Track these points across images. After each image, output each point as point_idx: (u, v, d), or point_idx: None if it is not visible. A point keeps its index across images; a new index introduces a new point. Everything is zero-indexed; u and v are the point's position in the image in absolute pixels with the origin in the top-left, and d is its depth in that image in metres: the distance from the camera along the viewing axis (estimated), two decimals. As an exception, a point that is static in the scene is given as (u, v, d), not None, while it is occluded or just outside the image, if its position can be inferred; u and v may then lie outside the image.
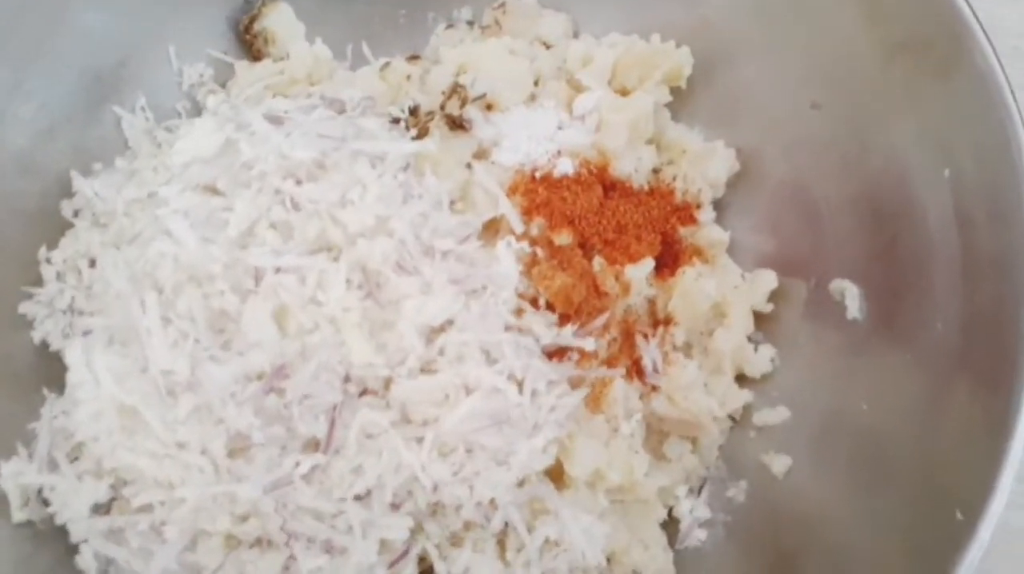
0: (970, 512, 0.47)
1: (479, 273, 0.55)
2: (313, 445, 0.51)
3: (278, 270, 0.51)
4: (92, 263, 0.59)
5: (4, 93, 0.59)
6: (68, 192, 0.62)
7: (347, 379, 0.51)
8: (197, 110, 0.68)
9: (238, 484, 0.48)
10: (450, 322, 0.53)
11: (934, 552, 0.49)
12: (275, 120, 0.55)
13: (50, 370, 0.59)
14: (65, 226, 0.62)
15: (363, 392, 0.52)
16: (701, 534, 0.61)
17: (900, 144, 0.59)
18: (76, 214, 0.62)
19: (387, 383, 0.52)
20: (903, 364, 0.57)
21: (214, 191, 0.55)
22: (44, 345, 0.59)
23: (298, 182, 0.53)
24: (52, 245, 0.61)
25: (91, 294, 0.57)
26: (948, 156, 0.56)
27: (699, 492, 0.63)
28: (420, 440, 0.50)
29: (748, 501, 0.62)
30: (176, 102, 0.68)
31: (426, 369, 0.52)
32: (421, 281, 0.52)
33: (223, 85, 0.69)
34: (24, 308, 0.59)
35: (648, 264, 0.60)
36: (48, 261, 0.60)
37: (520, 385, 0.52)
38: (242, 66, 0.67)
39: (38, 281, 0.60)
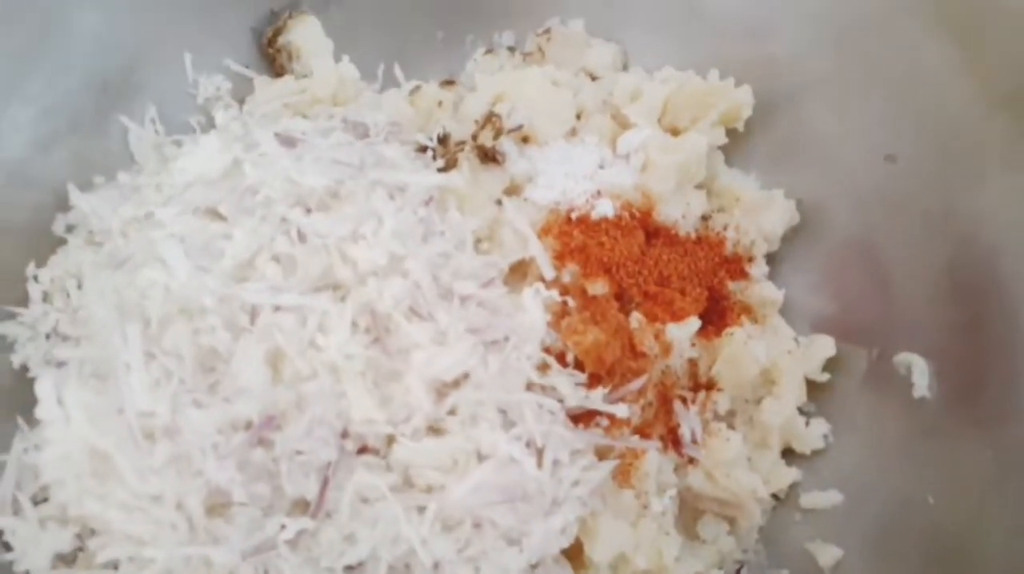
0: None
1: (502, 322, 0.49)
2: (302, 507, 0.45)
3: (277, 308, 0.45)
4: (81, 284, 0.54)
5: (2, 91, 0.54)
6: (64, 206, 0.58)
7: (344, 435, 0.45)
8: (212, 125, 0.63)
9: (214, 546, 0.43)
10: (465, 377, 0.47)
11: None
12: (288, 142, 0.51)
13: (27, 396, 0.53)
14: (58, 242, 0.58)
15: (361, 450, 0.46)
16: (735, 631, 0.54)
17: (992, 209, 0.53)
18: (70, 230, 0.58)
19: (389, 442, 0.46)
20: (980, 454, 0.50)
21: (216, 215, 0.50)
22: (24, 369, 0.54)
23: (307, 211, 0.48)
24: (42, 262, 0.56)
25: (76, 319, 0.52)
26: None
27: (736, 578, 0.56)
28: (422, 510, 0.44)
29: (791, 597, 0.55)
30: (189, 116, 0.63)
31: (434, 429, 0.46)
32: (435, 329, 0.47)
33: (241, 101, 0.64)
34: (5, 329, 0.54)
35: (693, 324, 0.54)
36: (35, 279, 0.56)
37: (540, 454, 0.46)
38: (262, 81, 0.63)
39: (24, 300, 0.56)
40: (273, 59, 0.64)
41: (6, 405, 0.54)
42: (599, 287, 0.54)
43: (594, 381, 0.51)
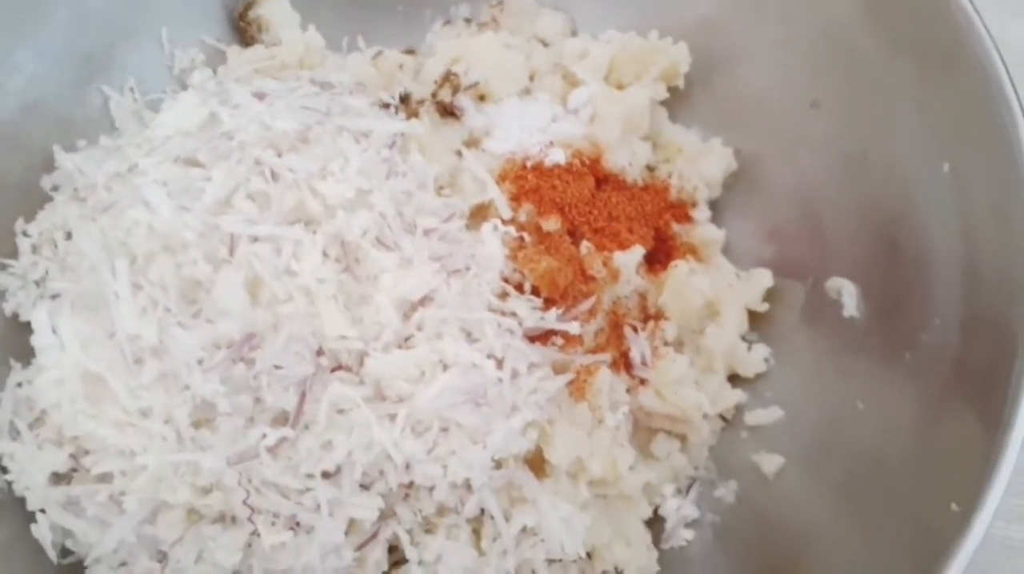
0: (966, 503, 0.45)
1: (463, 252, 0.53)
2: (281, 419, 0.49)
3: (254, 240, 0.50)
4: (68, 236, 0.58)
5: (-10, 57, 0.58)
6: (50, 167, 0.62)
7: (320, 353, 0.49)
8: (188, 93, 0.67)
9: (201, 453, 0.46)
10: (429, 299, 0.51)
11: (929, 551, 0.46)
12: (260, 96, 0.55)
13: (19, 342, 0.57)
14: (45, 200, 0.61)
15: (336, 368, 0.50)
16: (688, 534, 0.59)
17: (901, 143, 0.58)
18: (56, 189, 0.61)
19: (361, 359, 0.50)
20: (901, 363, 0.55)
21: (194, 164, 0.54)
22: (15, 317, 0.58)
23: (279, 154, 0.52)
24: (30, 218, 0.60)
25: (65, 266, 0.56)
26: (949, 152, 0.55)
27: (687, 492, 0.61)
28: (393, 417, 0.48)
29: (738, 502, 0.60)
30: (166, 86, 0.67)
31: (402, 346, 0.50)
32: (400, 256, 0.51)
33: (214, 71, 0.68)
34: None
35: (638, 252, 0.59)
36: (24, 234, 0.59)
37: (500, 364, 0.50)
38: (233, 51, 0.67)
39: (13, 253, 0.59)
40: (244, 31, 0.68)
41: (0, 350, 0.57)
42: (552, 223, 0.58)
43: (548, 305, 0.55)
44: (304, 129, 0.53)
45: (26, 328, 0.58)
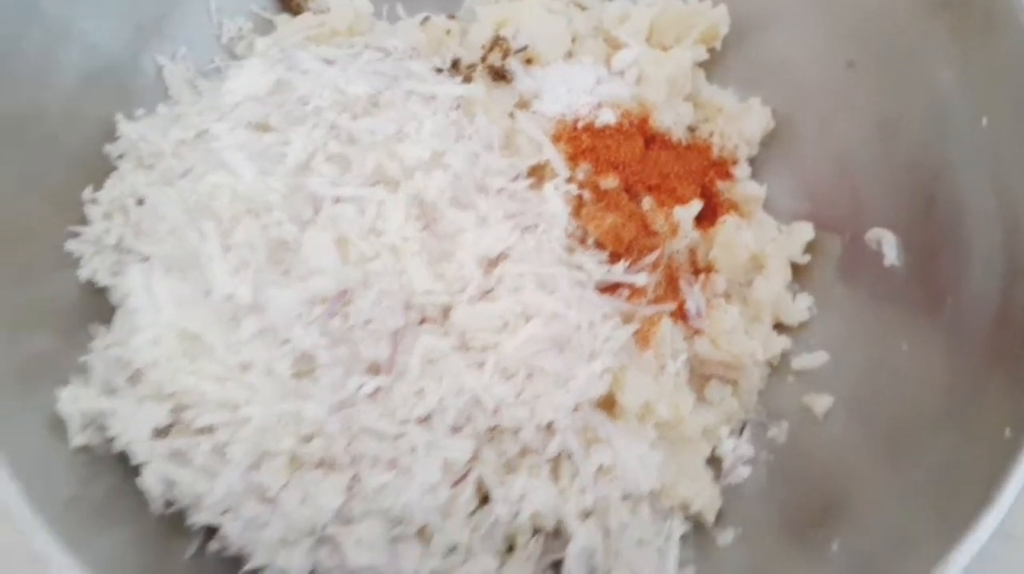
0: (1019, 425, 0.48)
1: (531, 210, 0.56)
2: (375, 369, 0.51)
3: (337, 200, 0.52)
4: (139, 202, 0.59)
5: (55, 35, 0.59)
6: (110, 136, 0.63)
7: (407, 307, 0.51)
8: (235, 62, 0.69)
9: (304, 403, 0.49)
10: (504, 256, 0.54)
11: (981, 476, 0.50)
12: (328, 61, 0.56)
13: (97, 307, 0.59)
14: (108, 169, 0.62)
15: (422, 321, 0.52)
16: (744, 471, 0.62)
17: (938, 101, 0.61)
18: (120, 157, 0.62)
19: (446, 312, 0.52)
20: (943, 308, 0.58)
21: (266, 129, 0.55)
22: (90, 283, 0.59)
23: (354, 117, 0.54)
24: (97, 187, 0.61)
25: (140, 231, 0.57)
26: (987, 107, 0.58)
27: (740, 433, 0.64)
28: (481, 365, 0.51)
29: (789, 441, 0.63)
30: (215, 55, 0.69)
31: (484, 299, 0.53)
32: (477, 215, 0.53)
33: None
34: (71, 246, 0.59)
35: (696, 206, 0.62)
36: (94, 201, 0.60)
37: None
38: (283, 19, 0.68)
39: (82, 222, 0.60)
40: (290, 1, 0.70)
41: (77, 316, 0.59)
42: (611, 182, 0.61)
43: (614, 259, 0.58)
44: (376, 93, 0.55)
45: (101, 294, 0.60)
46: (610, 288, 0.58)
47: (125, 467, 0.55)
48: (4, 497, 0.47)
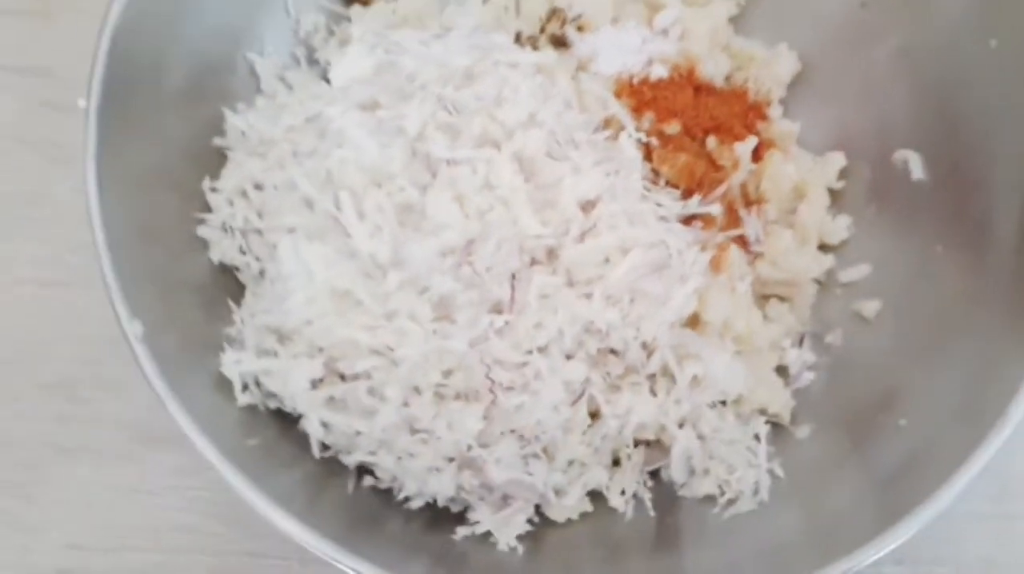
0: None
1: (614, 156, 0.63)
2: (498, 308, 0.58)
3: (452, 163, 0.59)
4: (257, 186, 0.66)
5: (165, 39, 0.65)
6: (218, 131, 0.69)
7: (521, 251, 0.59)
8: (311, 56, 0.75)
9: (445, 341, 0.56)
10: (597, 199, 0.61)
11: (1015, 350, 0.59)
12: (423, 41, 0.63)
13: (230, 284, 0.66)
14: (219, 160, 0.69)
15: (532, 263, 0.60)
16: (809, 375, 0.71)
17: (947, 28, 0.69)
18: (228, 150, 0.69)
19: (553, 253, 0.60)
20: (971, 208, 0.67)
21: (375, 107, 0.62)
22: (222, 264, 0.66)
23: (456, 88, 0.61)
24: (213, 177, 0.68)
25: (265, 211, 0.64)
26: (993, 30, 0.66)
27: (800, 343, 0.72)
28: (589, 296, 0.59)
29: (845, 345, 0.71)
30: (295, 48, 0.75)
31: (587, 237, 0.60)
32: (571, 165, 0.61)
33: (332, 32, 0.76)
34: (201, 232, 0.66)
35: (752, 141, 0.70)
36: (214, 190, 0.67)
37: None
38: (356, 10, 0.75)
39: (205, 209, 0.67)
40: (357, -6, 0.76)
41: (216, 291, 0.66)
42: (673, 127, 0.69)
43: (687, 195, 0.66)
44: (472, 64, 0.62)
45: (230, 273, 0.67)
46: (685, 221, 0.66)
47: (282, 420, 0.62)
48: (200, 445, 0.54)
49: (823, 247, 0.75)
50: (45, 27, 0.86)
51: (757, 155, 0.74)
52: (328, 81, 0.68)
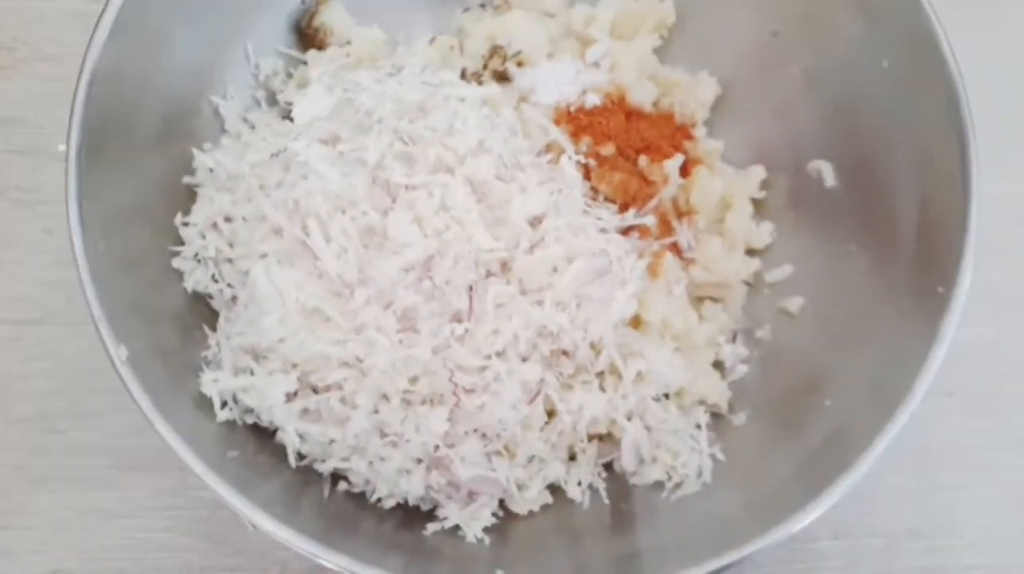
0: (948, 284, 0.65)
1: (556, 177, 0.70)
2: (459, 317, 0.64)
3: (410, 188, 0.64)
4: (227, 219, 0.71)
5: (137, 86, 0.69)
6: (187, 169, 0.74)
7: (477, 264, 0.65)
8: (271, 98, 0.81)
9: (410, 350, 0.62)
10: (543, 215, 0.68)
11: (927, 322, 0.66)
12: (377, 80, 0.69)
13: (204, 311, 0.71)
14: (189, 196, 0.73)
15: (488, 274, 0.66)
16: (743, 368, 0.78)
17: (848, 51, 0.77)
18: (198, 185, 0.74)
19: (506, 265, 0.66)
20: (878, 210, 0.75)
21: (336, 141, 0.68)
22: (195, 292, 0.71)
23: (411, 121, 0.67)
24: (185, 212, 0.72)
25: (236, 241, 0.69)
26: (885, 52, 0.75)
27: (734, 340, 0.79)
28: (541, 302, 0.65)
29: (773, 339, 0.79)
30: (255, 91, 0.80)
31: (535, 249, 0.66)
32: (518, 185, 0.67)
33: (290, 75, 0.81)
34: (176, 263, 0.70)
35: (679, 159, 0.77)
36: (186, 224, 0.71)
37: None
38: (313, 54, 0.80)
39: (179, 242, 0.71)
40: (313, 38, 0.82)
41: (187, 322, 0.70)
42: (608, 149, 0.76)
43: (623, 209, 0.73)
44: (424, 99, 0.68)
45: (203, 301, 0.72)
46: (623, 232, 0.73)
47: (259, 433, 0.67)
48: (187, 460, 0.59)
49: (750, 251, 0.82)
50: (9, 78, 0.90)
51: (685, 171, 0.81)
52: (288, 118, 0.73)
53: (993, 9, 0.97)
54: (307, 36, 0.82)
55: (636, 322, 0.71)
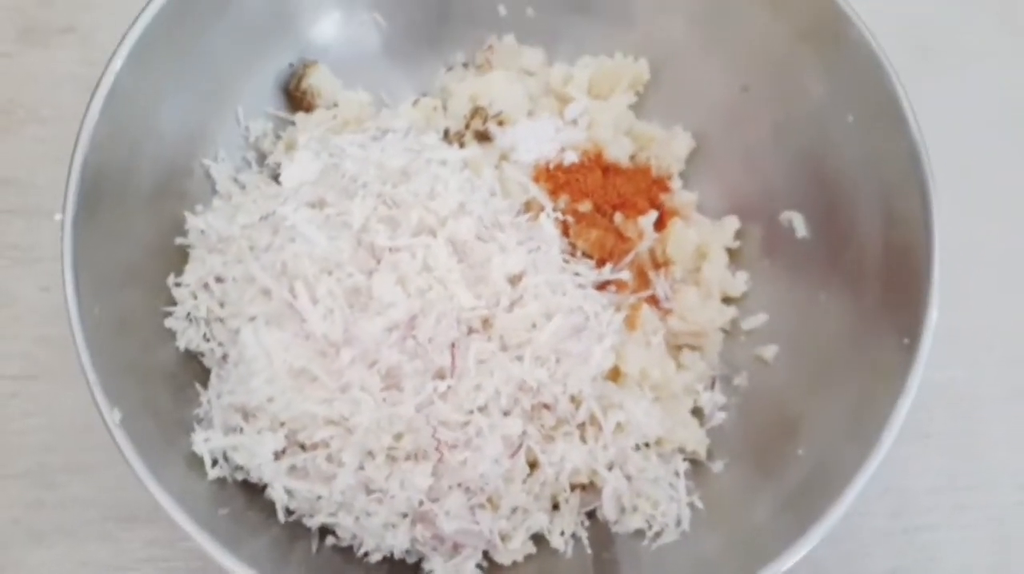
0: (913, 335, 0.67)
1: (535, 236, 0.72)
2: (442, 374, 0.66)
3: (393, 250, 0.67)
4: (218, 280, 0.73)
5: (130, 152, 0.72)
6: (179, 230, 0.76)
7: (459, 322, 0.67)
8: (262, 158, 0.84)
9: (394, 407, 0.64)
10: (523, 273, 0.70)
11: (891, 373, 0.69)
12: (362, 145, 0.72)
13: (196, 369, 0.73)
14: (182, 257, 0.76)
15: (470, 332, 0.68)
16: (721, 415, 0.80)
17: (814, 107, 0.80)
18: (190, 247, 0.76)
19: (487, 322, 0.68)
20: (844, 260, 0.78)
21: (323, 205, 0.71)
22: (187, 351, 0.73)
23: (394, 185, 0.70)
24: (177, 273, 0.75)
25: (227, 301, 0.71)
26: (850, 107, 0.78)
27: (712, 387, 0.82)
28: (521, 358, 0.67)
29: (750, 386, 0.81)
30: (245, 152, 0.83)
31: (515, 307, 0.69)
32: (498, 245, 0.70)
33: (278, 136, 0.84)
34: (168, 323, 0.72)
35: (653, 215, 0.80)
36: (178, 285, 0.74)
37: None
38: (301, 117, 0.83)
39: (171, 303, 0.74)
40: (301, 100, 0.85)
41: (180, 380, 0.72)
42: (585, 206, 0.79)
43: (600, 264, 0.76)
44: (407, 164, 0.71)
45: (195, 358, 0.74)
46: (600, 286, 0.75)
47: (249, 490, 0.69)
48: (178, 519, 0.60)
49: (726, 300, 0.85)
50: (5, 139, 0.92)
51: (662, 222, 0.84)
52: (278, 180, 0.76)
53: (953, 57, 1.01)
54: (295, 98, 0.85)
55: (615, 373, 0.74)
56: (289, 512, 0.68)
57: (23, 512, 0.80)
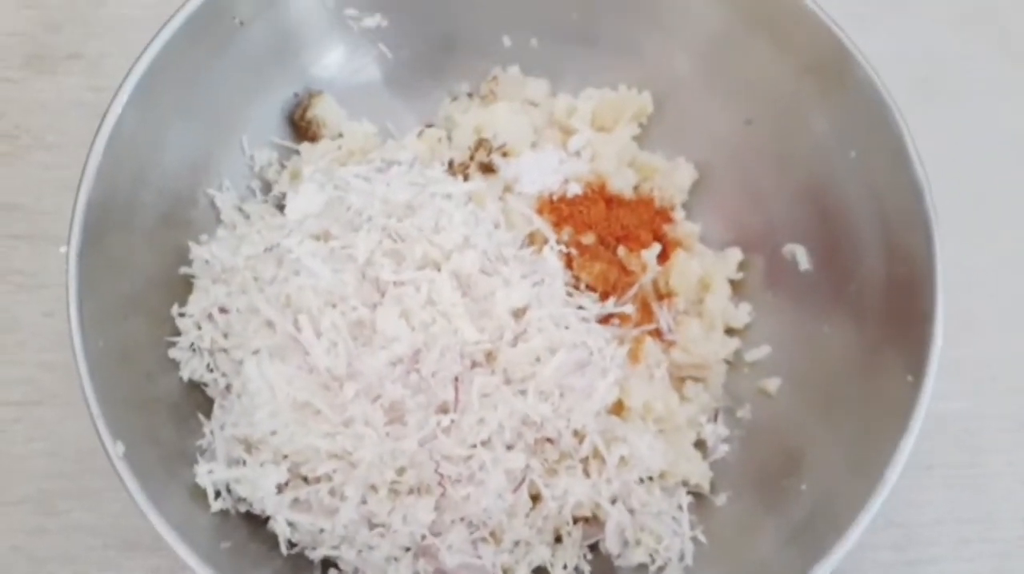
0: (917, 373, 0.67)
1: (538, 269, 0.73)
2: (445, 408, 0.66)
3: (398, 284, 0.67)
4: (222, 310, 0.73)
5: (135, 184, 0.72)
6: (183, 261, 0.77)
7: (462, 356, 0.67)
8: (267, 187, 0.84)
9: (397, 442, 0.64)
10: (527, 307, 0.70)
11: (896, 412, 0.69)
12: (366, 178, 0.72)
13: (200, 399, 0.73)
14: (186, 288, 0.76)
15: (473, 366, 0.68)
16: (724, 447, 0.80)
17: (817, 140, 0.81)
18: (194, 277, 0.76)
19: (491, 356, 0.68)
20: (848, 293, 0.78)
21: (328, 238, 0.71)
22: (191, 381, 0.73)
23: (399, 219, 0.70)
24: (181, 303, 0.75)
25: (231, 332, 0.71)
26: (853, 143, 0.78)
27: (715, 419, 0.82)
28: (524, 392, 0.67)
29: (753, 418, 0.81)
30: (250, 182, 0.84)
31: (519, 341, 0.69)
32: (502, 279, 0.70)
33: (283, 166, 0.85)
34: (172, 353, 0.72)
35: (656, 248, 0.80)
36: (182, 315, 0.74)
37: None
38: (305, 147, 0.84)
39: (175, 333, 0.74)
40: (306, 130, 0.85)
41: (183, 411, 0.72)
42: (589, 238, 0.79)
43: (603, 297, 0.76)
44: (412, 198, 0.71)
45: (199, 389, 0.74)
46: (604, 319, 0.75)
47: (251, 522, 0.68)
48: (181, 553, 0.60)
49: (729, 331, 0.85)
50: (11, 165, 0.93)
51: (664, 254, 0.84)
52: (282, 209, 0.77)
53: (955, 90, 1.02)
54: (300, 128, 0.86)
55: (619, 407, 0.74)
56: (292, 545, 0.68)
57: (25, 539, 0.80)
